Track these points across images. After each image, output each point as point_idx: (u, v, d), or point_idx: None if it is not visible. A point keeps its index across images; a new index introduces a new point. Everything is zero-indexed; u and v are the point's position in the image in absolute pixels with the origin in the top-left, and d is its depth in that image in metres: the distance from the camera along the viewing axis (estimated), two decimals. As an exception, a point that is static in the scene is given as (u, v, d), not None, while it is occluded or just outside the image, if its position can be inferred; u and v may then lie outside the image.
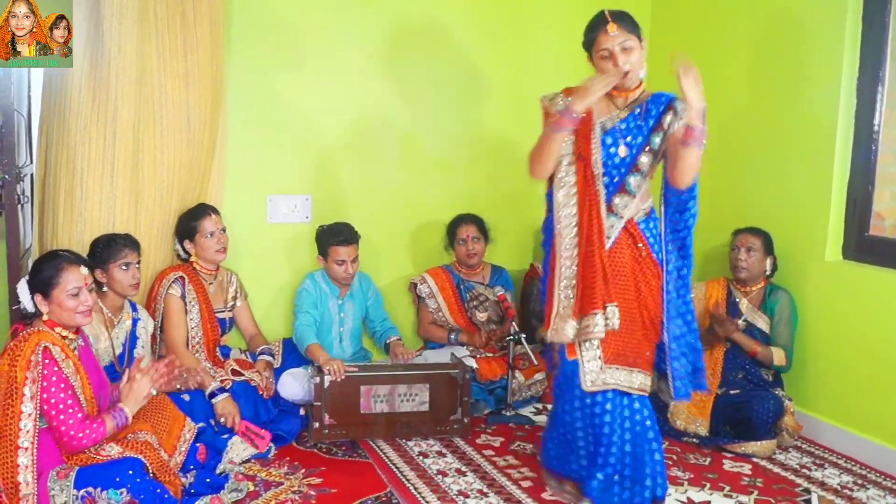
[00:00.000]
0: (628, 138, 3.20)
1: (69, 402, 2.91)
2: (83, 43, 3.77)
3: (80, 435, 2.92)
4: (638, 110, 3.22)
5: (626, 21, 3.12)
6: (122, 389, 3.19)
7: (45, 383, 2.87)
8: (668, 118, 3.18)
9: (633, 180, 3.22)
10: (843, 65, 4.01)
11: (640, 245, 3.24)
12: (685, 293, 3.35)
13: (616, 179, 3.22)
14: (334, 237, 4.35)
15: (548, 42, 5.11)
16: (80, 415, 2.94)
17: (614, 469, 3.23)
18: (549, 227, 3.33)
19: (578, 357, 3.21)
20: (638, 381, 3.24)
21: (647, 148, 3.21)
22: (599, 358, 3.19)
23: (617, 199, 3.22)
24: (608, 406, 3.22)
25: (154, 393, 3.23)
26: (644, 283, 3.25)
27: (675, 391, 3.32)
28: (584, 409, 3.25)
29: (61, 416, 2.89)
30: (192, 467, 3.40)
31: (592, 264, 3.14)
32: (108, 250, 3.69)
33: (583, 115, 3.10)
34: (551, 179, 3.30)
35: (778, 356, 4.14)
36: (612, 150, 3.19)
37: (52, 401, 2.88)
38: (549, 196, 3.31)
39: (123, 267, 3.69)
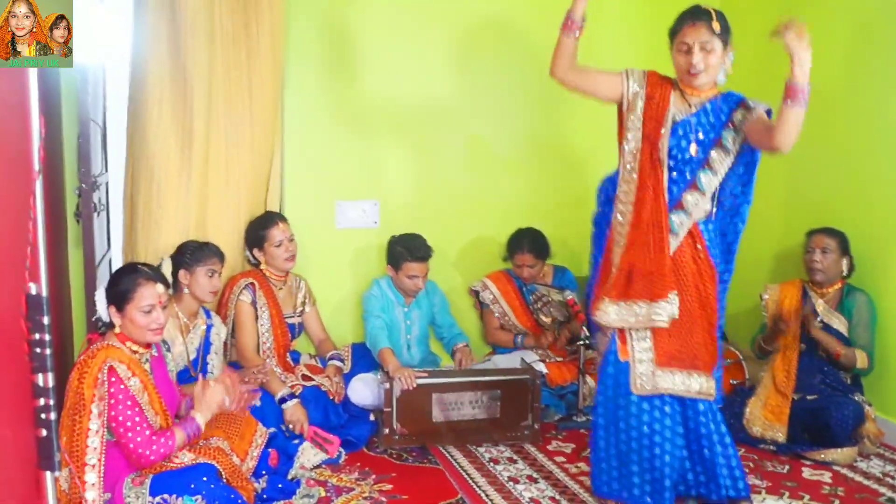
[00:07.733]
0: (699, 134, 3.13)
1: (136, 419, 2.94)
2: (163, 58, 3.97)
3: (148, 452, 2.95)
4: (709, 106, 3.15)
5: (716, 22, 3.03)
6: (195, 396, 3.22)
7: (112, 401, 2.90)
8: (739, 115, 3.12)
9: (704, 178, 3.15)
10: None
11: (700, 247, 3.19)
12: (722, 298, 3.30)
13: (688, 176, 3.16)
14: (410, 254, 4.31)
15: (621, 44, 4.99)
16: (147, 432, 2.96)
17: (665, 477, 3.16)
18: (600, 221, 3.35)
19: (630, 358, 3.16)
20: (697, 385, 3.17)
21: (719, 143, 3.14)
22: (651, 360, 3.15)
23: (688, 196, 3.16)
24: (667, 410, 3.17)
25: (227, 403, 3.25)
26: (702, 284, 3.19)
27: None
28: (639, 417, 3.16)
29: (129, 434, 2.92)
30: (263, 472, 3.42)
31: (662, 249, 3.10)
32: (199, 253, 3.80)
33: (580, 23, 3.24)
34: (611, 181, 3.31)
35: (861, 358, 4.03)
36: (683, 143, 3.13)
37: (120, 418, 2.91)
38: (603, 189, 3.34)
39: (209, 273, 3.78)
